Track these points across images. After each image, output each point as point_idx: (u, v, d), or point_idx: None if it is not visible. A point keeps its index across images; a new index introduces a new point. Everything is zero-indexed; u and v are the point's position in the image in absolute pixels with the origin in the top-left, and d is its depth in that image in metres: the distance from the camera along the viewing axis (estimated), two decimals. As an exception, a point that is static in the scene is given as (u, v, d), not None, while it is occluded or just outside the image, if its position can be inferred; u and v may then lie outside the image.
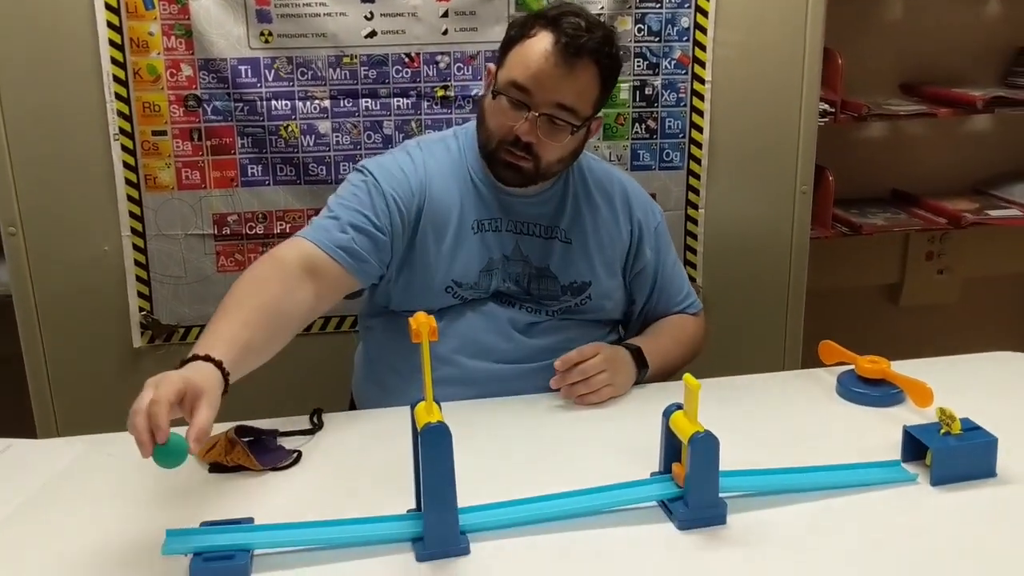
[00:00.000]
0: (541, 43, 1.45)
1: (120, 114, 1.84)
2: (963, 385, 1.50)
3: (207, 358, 1.20)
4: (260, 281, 1.39)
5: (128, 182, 1.87)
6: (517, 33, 1.49)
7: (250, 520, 1.14)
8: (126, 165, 1.87)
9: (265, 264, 1.43)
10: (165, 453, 1.07)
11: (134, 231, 1.90)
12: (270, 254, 1.46)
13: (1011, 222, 2.60)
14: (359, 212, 1.50)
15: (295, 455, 1.33)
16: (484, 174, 1.58)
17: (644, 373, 1.57)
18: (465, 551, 1.10)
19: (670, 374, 1.64)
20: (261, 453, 1.31)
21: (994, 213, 2.61)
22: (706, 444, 1.12)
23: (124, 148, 1.86)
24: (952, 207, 2.62)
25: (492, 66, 1.55)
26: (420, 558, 1.09)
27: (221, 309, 1.33)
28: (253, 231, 1.94)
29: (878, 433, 1.37)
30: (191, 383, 1.12)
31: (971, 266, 2.89)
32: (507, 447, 1.37)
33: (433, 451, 1.06)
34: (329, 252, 1.46)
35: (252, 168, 1.91)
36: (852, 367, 1.53)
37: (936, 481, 1.23)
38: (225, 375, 1.20)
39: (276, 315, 1.36)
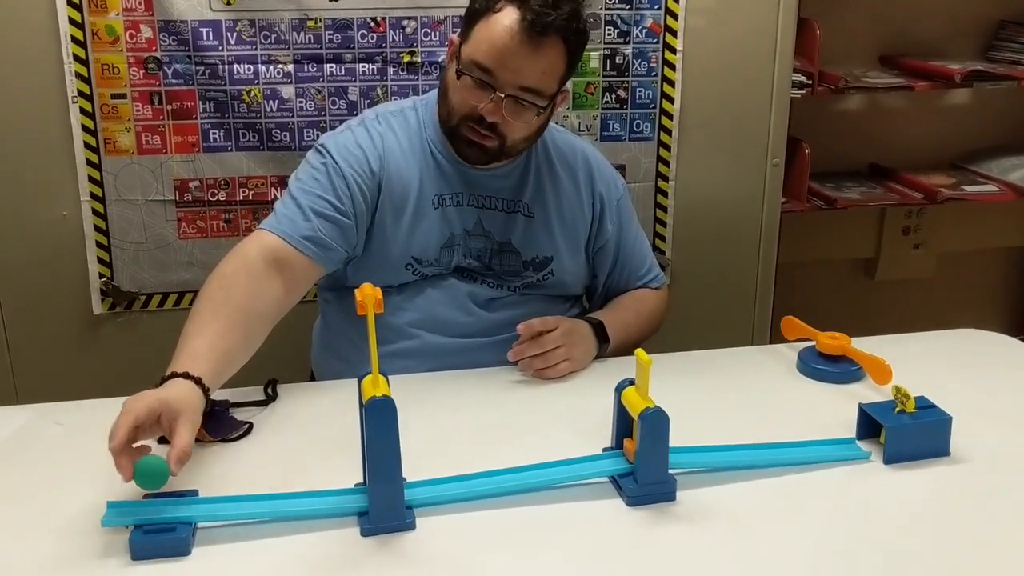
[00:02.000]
0: (506, 20, 1.40)
1: (78, 76, 1.80)
2: (923, 362, 1.50)
3: (185, 375, 1.20)
4: (229, 283, 1.38)
5: (87, 146, 1.84)
6: (482, 6, 1.43)
7: (194, 492, 1.13)
8: (85, 128, 1.83)
9: (231, 263, 1.41)
10: (145, 475, 1.08)
11: (93, 196, 1.87)
12: (236, 251, 1.43)
13: (987, 198, 2.59)
14: (321, 197, 1.47)
15: (246, 426, 1.31)
16: (444, 147, 1.55)
17: (605, 347, 1.55)
18: (411, 526, 1.09)
19: (632, 348, 1.63)
20: (211, 424, 1.29)
21: (970, 188, 2.60)
22: (656, 420, 1.11)
23: (83, 111, 1.82)
24: (928, 182, 2.61)
25: (455, 37, 1.50)
26: (365, 533, 1.08)
27: (195, 318, 1.33)
28: (215, 198, 1.91)
29: (835, 410, 1.36)
30: (167, 404, 1.13)
31: (947, 241, 2.89)
32: (460, 421, 1.35)
33: (377, 425, 1.05)
34: (295, 244, 1.44)
35: (214, 133, 1.88)
36: (813, 343, 1.52)
37: (889, 459, 1.22)
38: (205, 391, 1.21)
39: (249, 318, 1.36)
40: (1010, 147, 2.78)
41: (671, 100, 1.99)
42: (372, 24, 1.87)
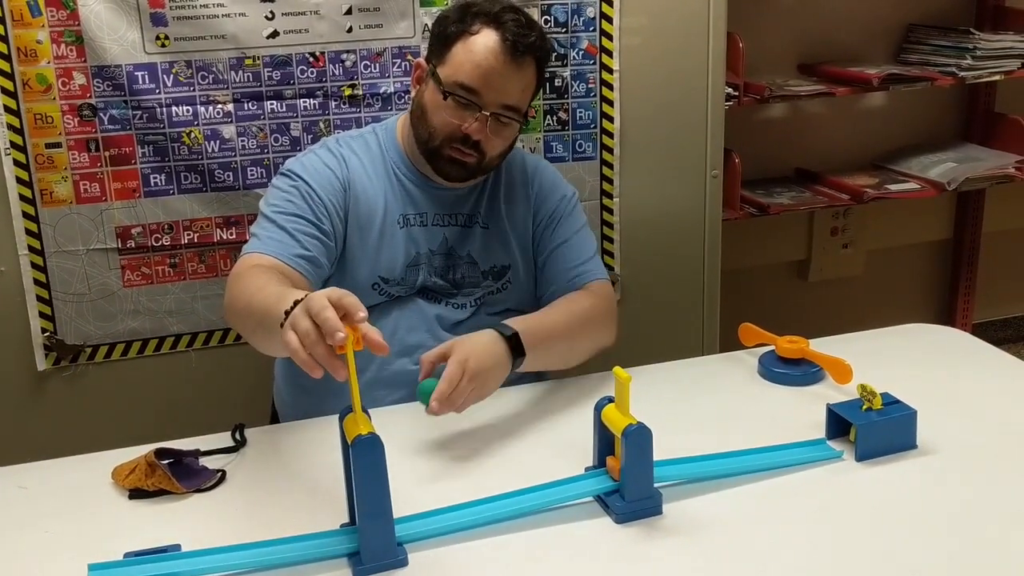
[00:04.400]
0: (488, 41, 1.44)
1: (10, 127, 1.75)
2: (879, 359, 1.55)
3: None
4: (271, 277, 1.33)
5: (23, 198, 1.78)
6: (457, 29, 1.47)
7: (177, 547, 1.10)
8: (19, 180, 1.77)
9: (255, 271, 1.36)
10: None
11: (32, 249, 1.81)
12: (251, 267, 1.38)
13: (910, 195, 2.70)
14: (300, 218, 1.47)
15: (219, 475, 1.29)
16: (408, 169, 1.57)
17: (519, 362, 1.42)
18: (403, 563, 1.08)
19: (569, 354, 1.55)
20: (183, 475, 1.26)
21: (893, 187, 2.70)
22: (640, 436, 1.12)
23: (16, 163, 1.77)
24: (853, 183, 2.70)
25: (422, 61, 1.54)
26: (357, 573, 1.07)
27: (261, 293, 1.25)
28: (159, 243, 1.87)
29: (802, 412, 1.39)
30: (334, 291, 1.04)
31: (873, 239, 2.99)
32: (437, 451, 1.35)
33: (365, 464, 1.04)
34: (292, 264, 1.43)
35: (155, 177, 1.84)
36: (772, 348, 1.56)
37: (861, 456, 1.26)
38: None
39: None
40: (927, 145, 2.89)
41: (611, 119, 2.03)
42: (311, 59, 1.86)
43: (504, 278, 1.62)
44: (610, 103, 2.02)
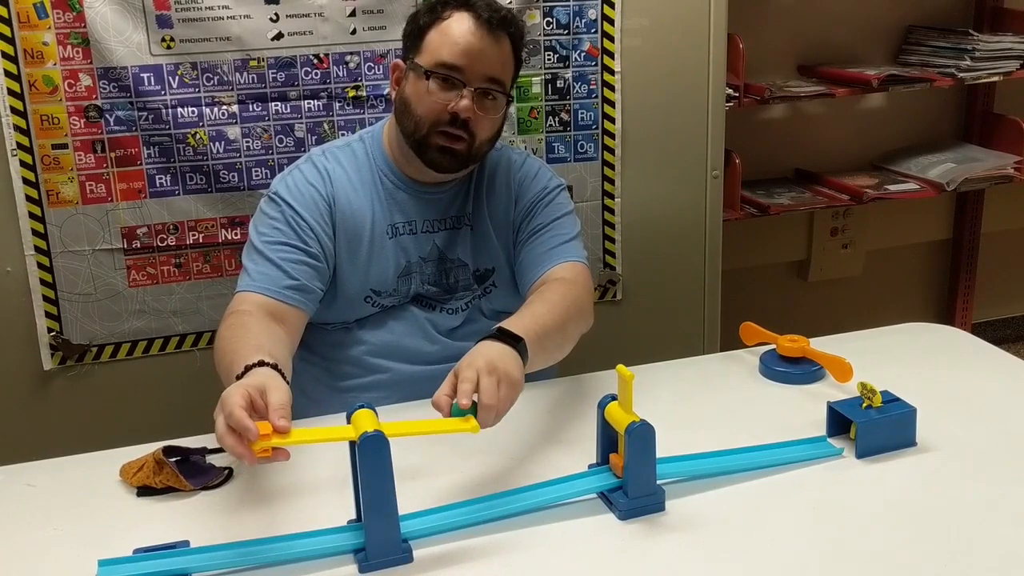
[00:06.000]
0: (462, 22, 1.46)
1: (17, 128, 1.76)
2: (879, 358, 1.56)
3: (260, 363, 1.19)
4: (242, 322, 1.38)
5: (29, 198, 1.80)
6: (428, 19, 1.49)
7: (185, 543, 1.11)
8: (26, 181, 1.79)
9: (233, 319, 1.40)
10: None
11: (38, 249, 1.82)
12: (232, 314, 1.42)
13: (909, 195, 2.71)
14: (287, 246, 1.48)
15: (226, 472, 1.30)
16: (396, 175, 1.57)
17: (523, 345, 1.31)
18: (408, 559, 1.10)
19: (561, 348, 1.46)
20: (191, 472, 1.28)
21: (893, 188, 2.72)
22: (643, 433, 1.14)
23: (23, 163, 1.78)
24: (853, 183, 2.72)
25: (399, 61, 1.54)
26: (363, 569, 1.08)
27: (228, 352, 1.30)
28: (165, 243, 1.89)
29: (802, 410, 1.41)
30: (249, 384, 1.11)
31: (873, 239, 3.00)
32: (441, 448, 1.35)
33: (371, 461, 1.05)
34: (279, 297, 1.45)
35: (160, 178, 1.86)
36: (773, 347, 1.57)
37: (861, 454, 1.27)
38: (280, 373, 1.19)
39: (275, 337, 1.37)
40: (926, 145, 2.91)
41: (612, 120, 2.04)
42: (315, 61, 1.87)
43: (487, 281, 1.61)
44: (611, 104, 2.03)
